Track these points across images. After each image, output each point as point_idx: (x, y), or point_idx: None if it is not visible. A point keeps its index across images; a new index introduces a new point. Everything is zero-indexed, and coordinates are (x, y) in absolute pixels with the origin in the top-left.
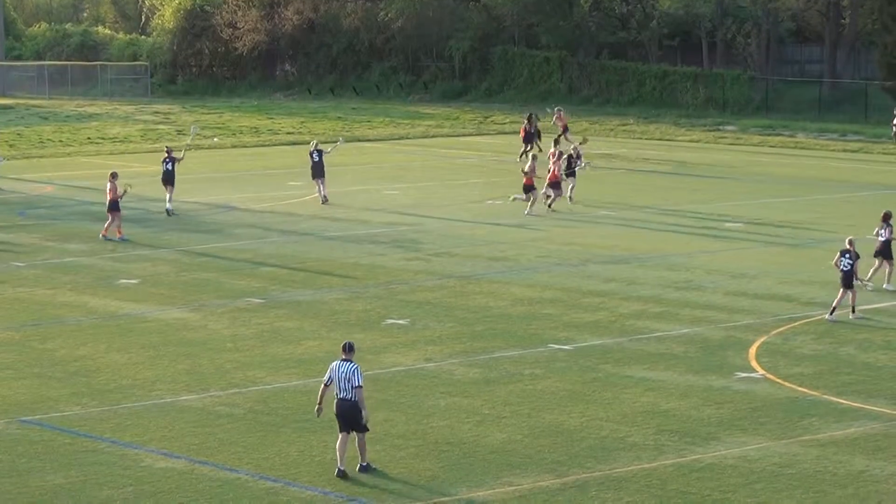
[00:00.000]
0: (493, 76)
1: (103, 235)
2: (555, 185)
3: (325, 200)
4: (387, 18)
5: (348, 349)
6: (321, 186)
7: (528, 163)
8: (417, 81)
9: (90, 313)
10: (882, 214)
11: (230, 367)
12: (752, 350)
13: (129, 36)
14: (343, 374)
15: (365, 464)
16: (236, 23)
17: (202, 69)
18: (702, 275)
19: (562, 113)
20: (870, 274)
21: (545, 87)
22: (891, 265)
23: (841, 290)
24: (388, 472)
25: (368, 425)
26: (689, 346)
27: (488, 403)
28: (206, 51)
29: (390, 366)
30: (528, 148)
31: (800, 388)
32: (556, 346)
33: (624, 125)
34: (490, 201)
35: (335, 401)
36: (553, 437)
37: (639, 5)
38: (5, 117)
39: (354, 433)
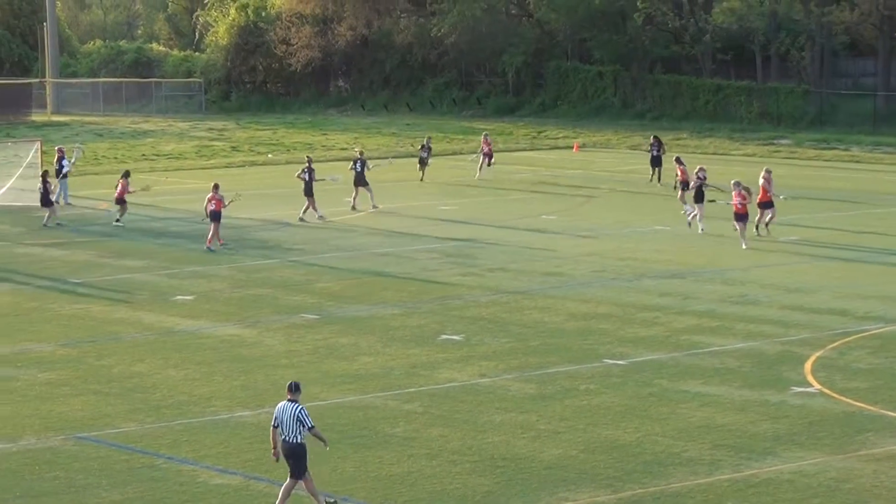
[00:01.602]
0: (546, 91)
1: (208, 246)
2: (766, 205)
3: (354, 207)
4: (440, 34)
5: (293, 389)
6: (362, 193)
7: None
8: (471, 97)
9: (146, 329)
10: None
11: (285, 384)
12: (808, 364)
13: (183, 52)
14: (289, 416)
15: None
16: (290, 39)
17: (256, 85)
18: (757, 289)
19: (488, 138)
20: None
21: (599, 102)
22: None
23: None
24: (444, 488)
25: (328, 447)
26: (744, 361)
27: (543, 419)
28: (260, 67)
29: (445, 381)
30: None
31: (856, 403)
32: (611, 362)
33: (678, 139)
34: (544, 216)
35: (281, 443)
36: (608, 453)
37: (692, 19)
38: (60, 134)
39: (293, 479)
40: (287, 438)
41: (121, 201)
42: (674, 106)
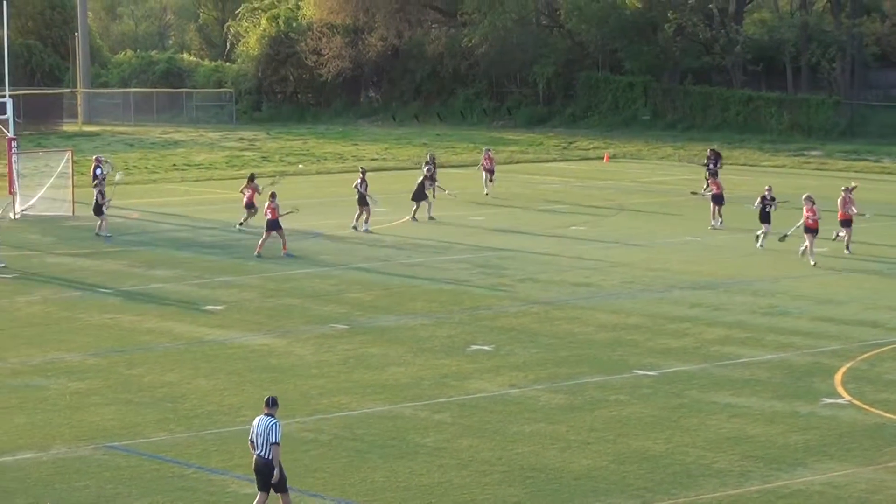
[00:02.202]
0: (576, 102)
1: (285, 252)
2: (845, 223)
3: (430, 217)
4: (470, 44)
5: (270, 403)
6: (425, 206)
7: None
8: (501, 107)
9: (176, 339)
10: None
11: (315, 394)
12: (838, 376)
13: (214, 63)
14: (262, 430)
15: None
16: (321, 49)
17: (287, 96)
18: (787, 300)
19: (490, 153)
20: None
21: (629, 113)
22: None
23: None
24: (474, 498)
25: (287, 485)
26: (774, 372)
27: (573, 430)
28: (291, 77)
29: (475, 392)
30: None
31: (886, 415)
32: (641, 373)
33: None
34: (574, 227)
35: (255, 457)
36: (638, 464)
37: (723, 30)
38: (91, 144)
39: (278, 494)
40: (261, 453)
41: (250, 206)
42: (704, 117)
